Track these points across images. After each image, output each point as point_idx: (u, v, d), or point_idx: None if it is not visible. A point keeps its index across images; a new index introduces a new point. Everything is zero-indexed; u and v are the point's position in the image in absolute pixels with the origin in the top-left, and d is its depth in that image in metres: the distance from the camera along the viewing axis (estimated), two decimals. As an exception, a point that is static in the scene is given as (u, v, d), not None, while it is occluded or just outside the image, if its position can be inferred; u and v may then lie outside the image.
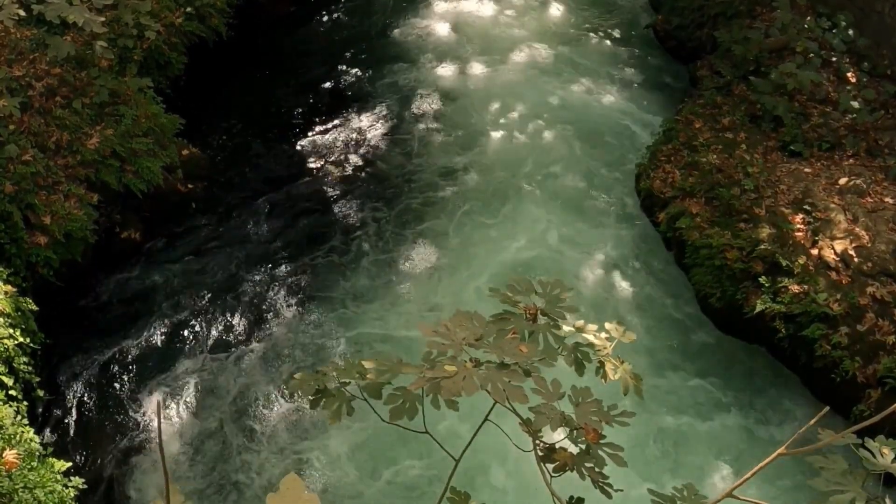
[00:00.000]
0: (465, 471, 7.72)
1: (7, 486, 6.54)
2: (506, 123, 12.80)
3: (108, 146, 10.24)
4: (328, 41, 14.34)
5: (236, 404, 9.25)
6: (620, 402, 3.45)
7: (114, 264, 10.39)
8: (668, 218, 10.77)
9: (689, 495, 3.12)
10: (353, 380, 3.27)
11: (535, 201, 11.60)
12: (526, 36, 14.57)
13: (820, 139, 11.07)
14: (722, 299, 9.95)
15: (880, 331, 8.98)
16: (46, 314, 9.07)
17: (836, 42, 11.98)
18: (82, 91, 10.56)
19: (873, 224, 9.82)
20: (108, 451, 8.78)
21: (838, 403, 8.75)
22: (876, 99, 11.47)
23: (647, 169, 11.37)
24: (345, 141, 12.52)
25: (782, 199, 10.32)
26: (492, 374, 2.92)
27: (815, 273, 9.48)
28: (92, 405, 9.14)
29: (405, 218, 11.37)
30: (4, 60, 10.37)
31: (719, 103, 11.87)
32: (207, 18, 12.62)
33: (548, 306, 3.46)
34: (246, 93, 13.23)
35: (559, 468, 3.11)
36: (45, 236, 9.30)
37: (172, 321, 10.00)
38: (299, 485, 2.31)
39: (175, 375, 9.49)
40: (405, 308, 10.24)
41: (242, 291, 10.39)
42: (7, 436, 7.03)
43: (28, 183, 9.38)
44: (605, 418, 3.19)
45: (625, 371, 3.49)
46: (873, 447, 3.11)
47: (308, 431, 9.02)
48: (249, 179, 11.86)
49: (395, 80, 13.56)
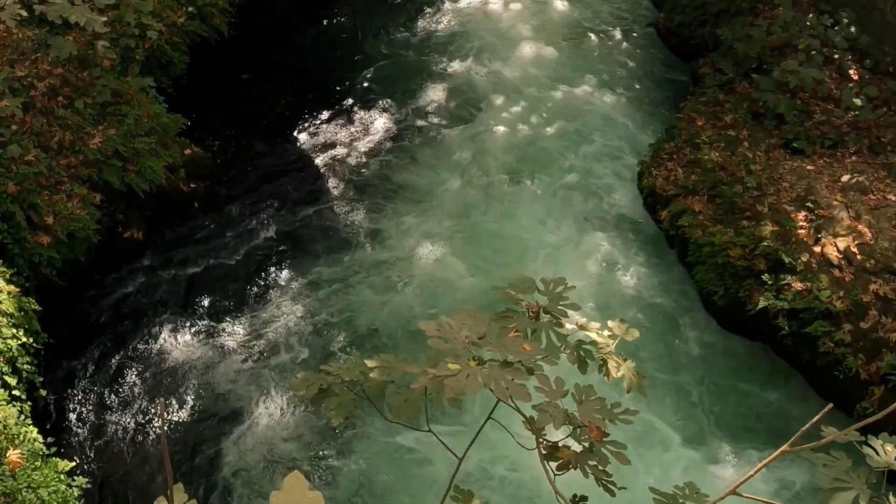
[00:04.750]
0: (465, 471, 7.73)
1: (11, 485, 6.55)
2: (507, 121, 12.79)
3: (110, 146, 10.24)
4: (330, 40, 14.34)
5: (240, 403, 9.26)
6: (623, 399, 3.45)
7: (116, 264, 10.40)
8: (671, 216, 10.76)
9: (690, 493, 3.12)
10: (356, 379, 3.27)
11: (536, 199, 11.59)
12: (528, 34, 14.56)
13: (822, 136, 11.06)
14: (725, 297, 9.94)
15: (883, 328, 8.97)
16: (49, 314, 9.08)
17: (839, 39, 11.97)
18: (84, 91, 10.57)
19: (876, 221, 9.81)
20: (112, 450, 8.79)
21: (841, 400, 8.72)
22: (878, 96, 11.45)
23: (649, 167, 11.35)
24: (347, 139, 12.52)
25: (785, 197, 10.31)
26: (495, 373, 2.92)
27: (818, 270, 9.47)
28: (95, 405, 9.15)
29: (406, 216, 11.37)
30: (6, 60, 10.38)
31: (721, 101, 11.85)
32: (209, 18, 12.62)
33: (550, 304, 3.46)
34: (248, 92, 13.23)
35: (562, 466, 3.11)
36: (47, 236, 9.31)
37: (175, 320, 10.01)
38: (303, 483, 2.31)
39: (178, 375, 9.49)
40: (406, 308, 10.24)
41: (245, 290, 10.39)
42: (11, 435, 7.04)
43: (31, 183, 9.39)
44: (609, 416, 3.19)
45: (628, 369, 3.49)
46: (876, 444, 3.11)
47: (312, 430, 9.02)
48: (252, 178, 11.86)
49: (396, 79, 13.55)
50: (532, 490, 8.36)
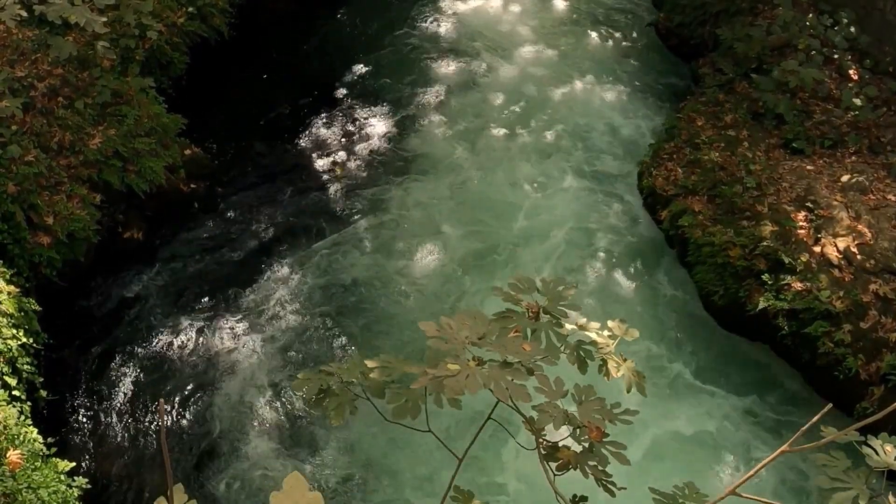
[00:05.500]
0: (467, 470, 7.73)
1: (11, 486, 6.55)
2: (507, 121, 12.79)
3: (110, 146, 10.24)
4: (330, 40, 14.34)
5: (240, 403, 9.26)
6: (623, 399, 3.44)
7: (116, 264, 10.39)
8: (671, 216, 10.76)
9: (690, 494, 3.12)
10: (356, 379, 3.27)
11: (536, 199, 11.59)
12: (528, 34, 14.56)
13: (822, 136, 11.06)
14: (725, 297, 9.94)
15: (883, 328, 8.97)
16: (49, 314, 9.08)
17: (838, 39, 11.97)
18: (84, 91, 10.57)
19: (876, 221, 9.81)
20: (112, 450, 8.79)
21: (841, 401, 8.73)
22: (878, 96, 11.46)
23: (649, 167, 11.35)
24: (347, 139, 12.52)
25: (785, 197, 10.31)
26: (495, 373, 2.92)
27: (818, 270, 9.47)
28: (95, 405, 9.15)
29: (407, 215, 11.37)
30: (7, 61, 10.38)
31: (721, 101, 11.85)
32: (209, 18, 12.62)
33: (550, 304, 3.46)
34: (248, 92, 13.23)
35: (562, 466, 3.11)
36: (47, 236, 9.31)
37: (175, 320, 10.01)
38: (302, 483, 2.31)
39: (178, 375, 9.49)
40: (407, 308, 10.25)
41: (245, 290, 10.39)
42: (11, 436, 7.04)
43: (31, 183, 9.39)
44: (608, 416, 3.19)
45: (628, 369, 3.49)
46: (876, 444, 3.11)
47: (313, 430, 9.02)
48: (252, 179, 11.86)
49: (397, 78, 13.55)
50: (532, 490, 8.36)
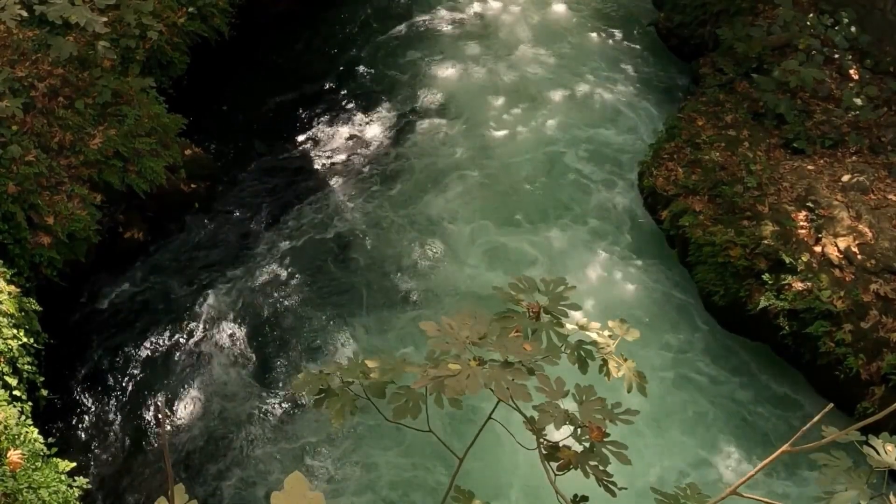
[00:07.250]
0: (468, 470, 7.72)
1: (12, 486, 6.56)
2: (508, 121, 12.79)
3: (110, 146, 10.24)
4: (330, 40, 14.34)
5: (240, 404, 9.26)
6: (624, 399, 3.44)
7: (117, 264, 10.40)
8: (671, 215, 10.75)
9: (691, 494, 3.12)
10: (356, 379, 3.27)
11: (536, 199, 11.59)
12: (528, 34, 14.55)
13: (823, 136, 11.05)
14: (725, 297, 9.94)
15: (884, 327, 8.97)
16: (50, 314, 9.08)
17: (839, 39, 11.96)
18: (85, 91, 10.57)
19: (877, 221, 9.81)
20: (113, 451, 8.80)
21: (842, 400, 8.72)
22: (879, 96, 11.45)
23: (649, 166, 11.35)
24: (347, 139, 12.53)
25: (785, 197, 10.30)
26: (495, 373, 2.92)
27: (819, 270, 9.47)
28: (96, 405, 9.15)
29: (407, 214, 11.37)
30: (7, 61, 10.38)
31: (722, 101, 11.85)
32: (210, 18, 12.61)
33: (551, 304, 3.46)
34: (248, 92, 13.23)
35: (563, 466, 3.11)
36: (48, 236, 9.31)
37: (176, 321, 10.01)
38: (303, 484, 2.31)
39: (179, 375, 9.50)
40: (407, 308, 10.25)
41: (246, 291, 10.39)
42: (11, 436, 7.04)
43: (31, 183, 9.40)
44: (609, 416, 3.19)
45: (628, 369, 3.49)
46: (877, 444, 3.11)
47: (313, 430, 9.02)
48: (252, 178, 11.86)
49: (397, 78, 13.56)
50: (532, 491, 8.36)
